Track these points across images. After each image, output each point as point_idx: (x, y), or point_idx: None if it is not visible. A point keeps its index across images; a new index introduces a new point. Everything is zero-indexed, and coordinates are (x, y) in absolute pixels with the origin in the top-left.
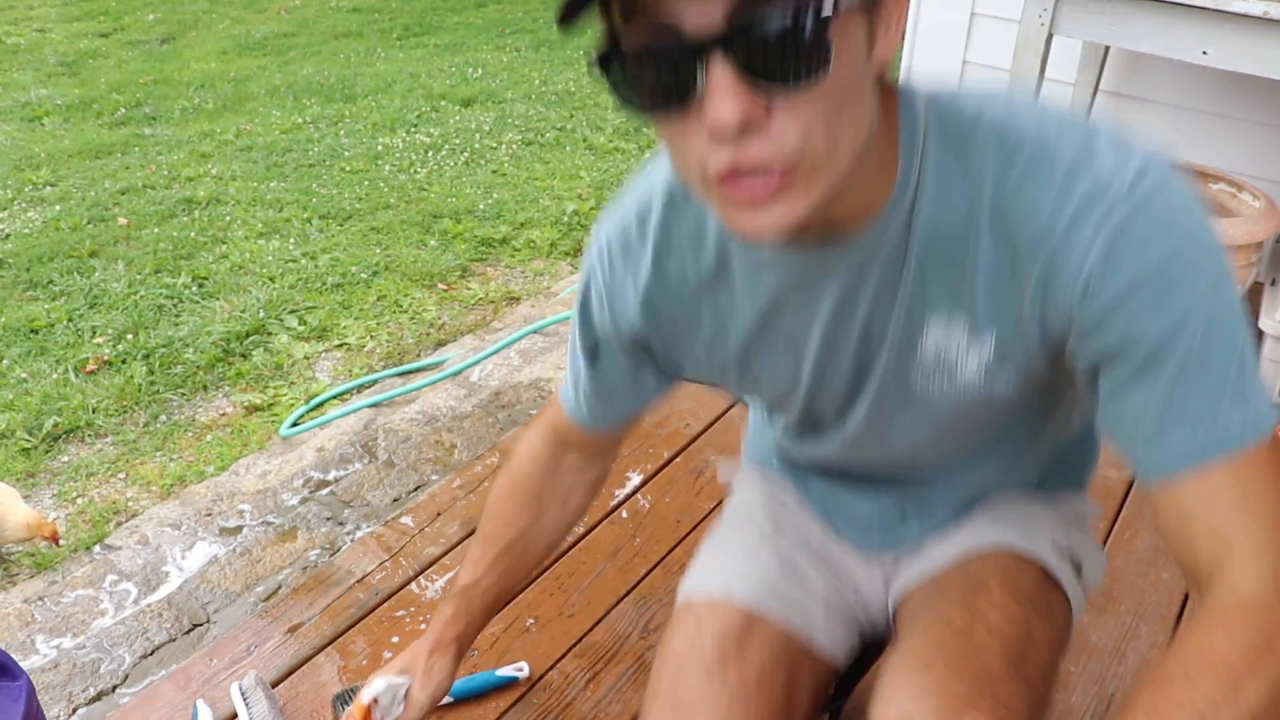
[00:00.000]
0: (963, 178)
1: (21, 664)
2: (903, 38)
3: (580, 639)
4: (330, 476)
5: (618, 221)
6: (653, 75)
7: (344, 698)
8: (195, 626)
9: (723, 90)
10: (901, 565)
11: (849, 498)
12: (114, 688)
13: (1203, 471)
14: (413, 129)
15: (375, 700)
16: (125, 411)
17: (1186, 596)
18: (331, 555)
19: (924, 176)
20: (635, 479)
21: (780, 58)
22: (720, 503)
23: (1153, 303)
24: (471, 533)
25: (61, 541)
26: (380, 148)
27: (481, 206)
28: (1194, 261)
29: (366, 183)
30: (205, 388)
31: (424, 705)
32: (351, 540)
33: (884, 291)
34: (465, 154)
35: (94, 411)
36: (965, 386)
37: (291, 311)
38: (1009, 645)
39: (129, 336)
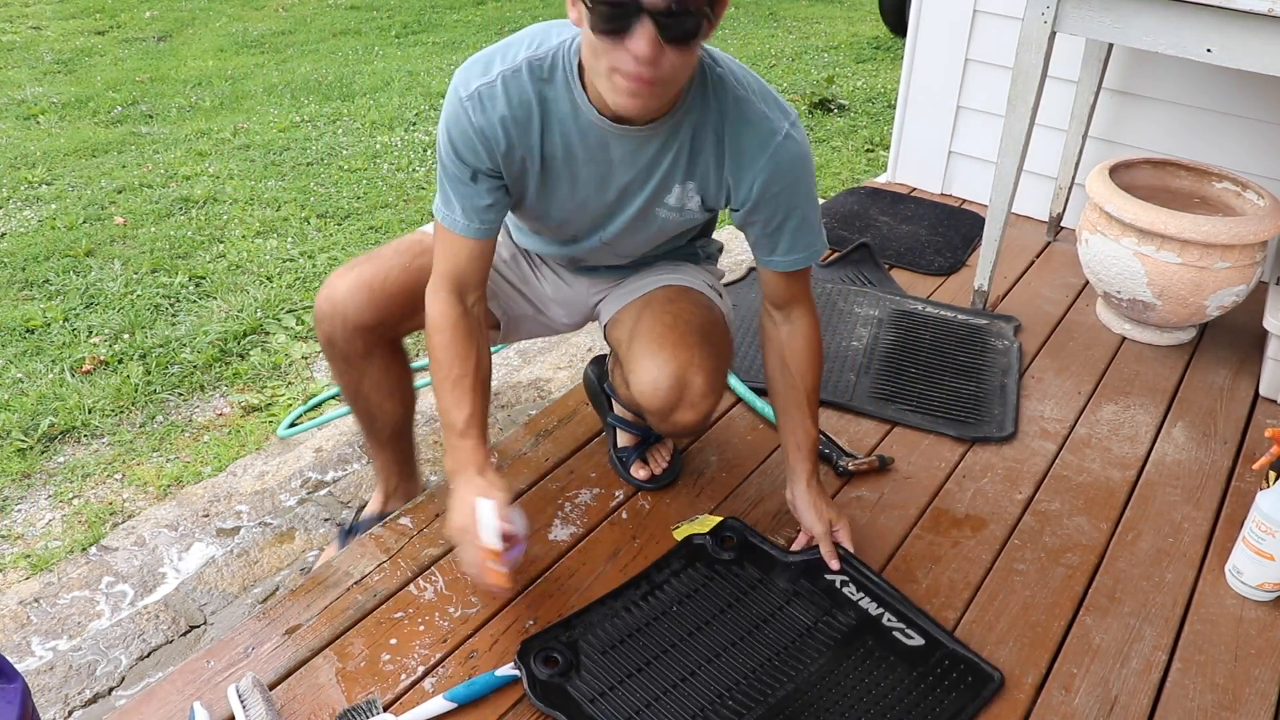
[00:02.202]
0: (703, 108)
1: (17, 666)
2: (907, 33)
3: None
4: (328, 477)
5: (493, 82)
6: (614, 16)
7: (348, 717)
8: (192, 628)
9: (650, 39)
10: (599, 288)
11: (564, 268)
12: (110, 690)
13: (789, 272)
14: (411, 127)
15: (502, 540)
16: (122, 412)
17: (1190, 598)
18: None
19: (690, 100)
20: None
21: (681, 35)
22: (718, 505)
23: (784, 201)
24: None
25: None
26: (379, 146)
27: None
28: (802, 180)
29: (365, 181)
30: (202, 388)
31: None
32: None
33: (658, 161)
34: None
35: (90, 412)
36: (680, 218)
37: (289, 311)
38: (700, 329)
39: (125, 336)
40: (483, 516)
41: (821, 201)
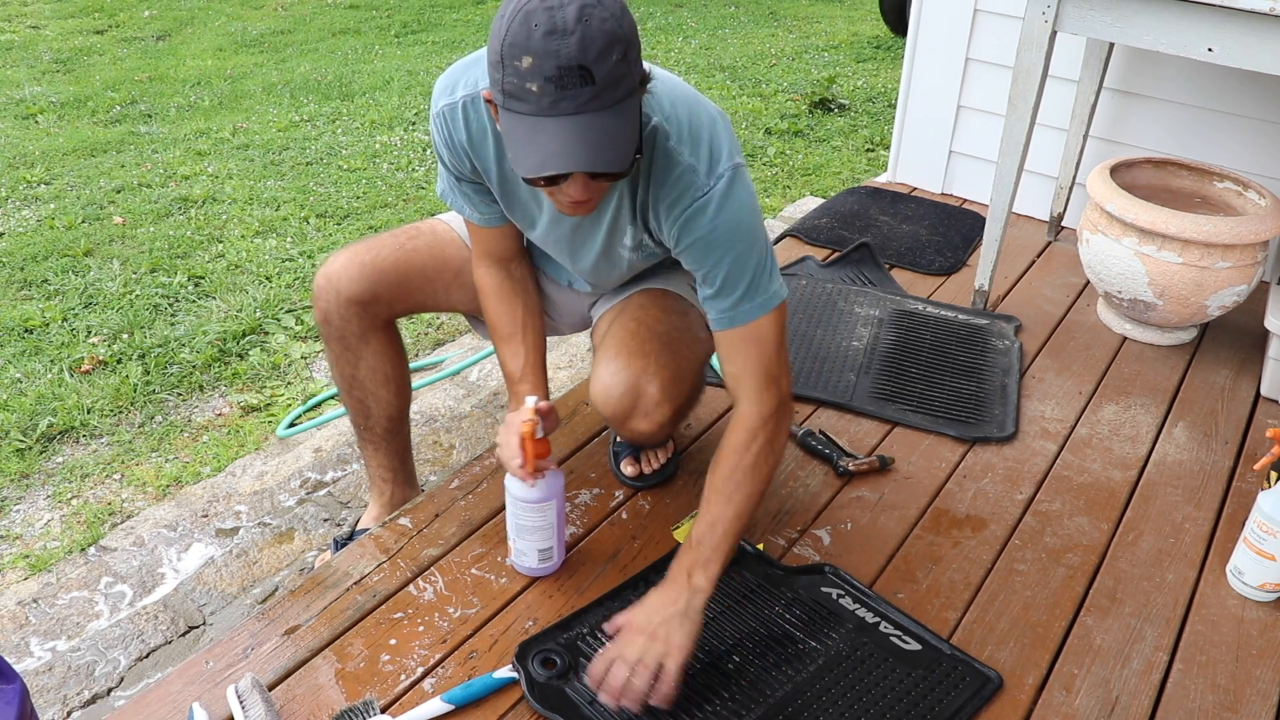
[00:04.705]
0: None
1: (15, 667)
2: (908, 33)
3: None
4: (328, 477)
5: (455, 105)
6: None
7: (345, 718)
8: (191, 629)
9: (583, 185)
10: (594, 294)
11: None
12: (109, 691)
13: (731, 331)
14: (411, 127)
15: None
16: (121, 412)
17: (1191, 599)
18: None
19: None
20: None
21: (613, 173)
22: None
23: (708, 251)
24: (470, 534)
25: None
26: (378, 146)
27: None
28: (721, 236)
29: (364, 181)
30: (201, 388)
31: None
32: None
33: (606, 204)
34: None
35: (89, 412)
36: (642, 256)
37: (288, 311)
38: (663, 335)
39: (124, 336)
40: (510, 423)
41: (822, 201)
